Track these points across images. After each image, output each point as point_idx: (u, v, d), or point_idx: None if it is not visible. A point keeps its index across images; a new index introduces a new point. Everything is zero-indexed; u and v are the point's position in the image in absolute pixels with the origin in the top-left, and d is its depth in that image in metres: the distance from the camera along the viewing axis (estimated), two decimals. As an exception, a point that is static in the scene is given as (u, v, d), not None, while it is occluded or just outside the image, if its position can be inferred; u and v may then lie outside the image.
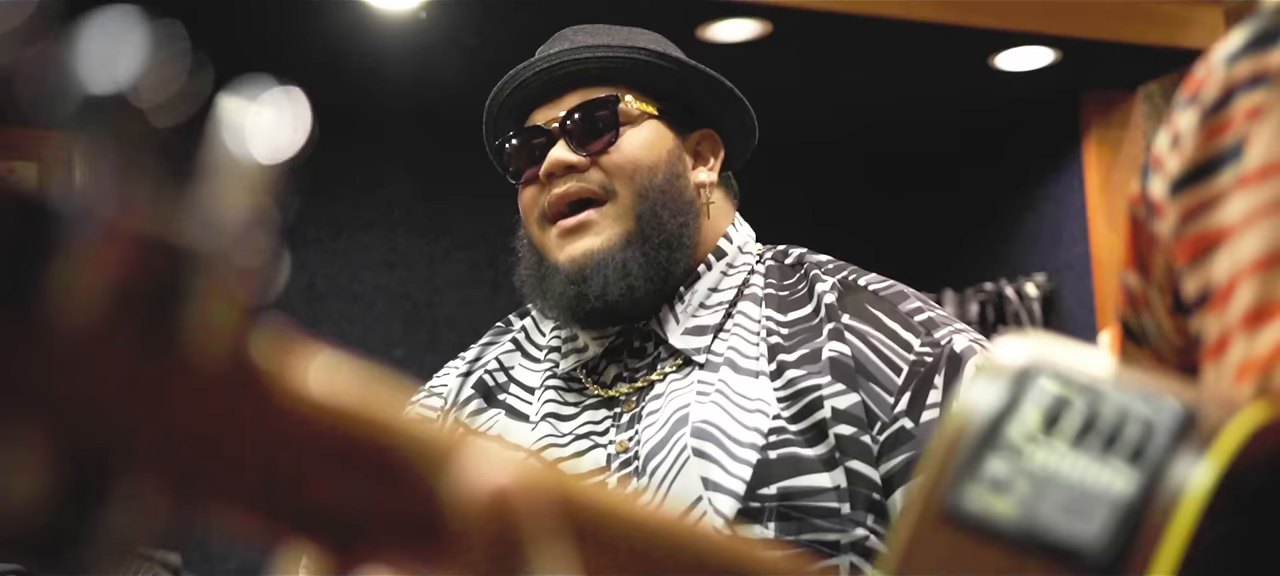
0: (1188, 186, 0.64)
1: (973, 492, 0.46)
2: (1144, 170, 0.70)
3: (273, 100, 0.37)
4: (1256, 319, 0.58)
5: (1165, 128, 0.69)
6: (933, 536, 0.46)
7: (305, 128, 0.37)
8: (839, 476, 1.31)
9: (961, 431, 0.47)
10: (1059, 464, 0.46)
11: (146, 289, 0.34)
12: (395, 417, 0.40)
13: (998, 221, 4.33)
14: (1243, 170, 0.60)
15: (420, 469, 0.40)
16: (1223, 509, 0.46)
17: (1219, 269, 0.60)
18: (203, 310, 0.35)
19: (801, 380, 1.36)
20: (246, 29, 3.25)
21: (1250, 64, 0.63)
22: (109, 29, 0.35)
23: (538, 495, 0.40)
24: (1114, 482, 0.46)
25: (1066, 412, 0.47)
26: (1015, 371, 0.49)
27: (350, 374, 0.40)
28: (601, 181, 1.44)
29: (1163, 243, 0.66)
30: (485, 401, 1.52)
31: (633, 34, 1.52)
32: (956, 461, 0.47)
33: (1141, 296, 0.71)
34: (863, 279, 1.45)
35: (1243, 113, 0.62)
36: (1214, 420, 0.47)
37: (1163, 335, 0.70)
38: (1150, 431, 0.47)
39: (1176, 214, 0.65)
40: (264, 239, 0.36)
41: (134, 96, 0.34)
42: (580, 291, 1.41)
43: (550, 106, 1.47)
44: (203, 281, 0.35)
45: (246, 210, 0.36)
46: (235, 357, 0.36)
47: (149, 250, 0.34)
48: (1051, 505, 0.46)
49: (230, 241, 0.35)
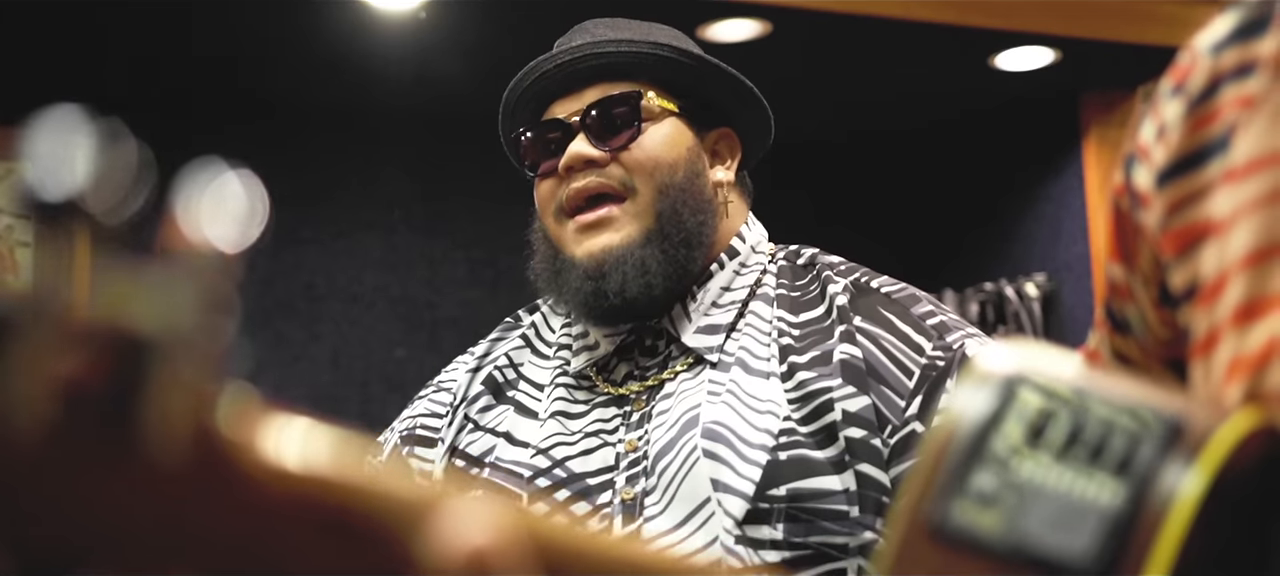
0: (1174, 178, 0.64)
1: (959, 507, 0.46)
2: (1128, 160, 0.69)
3: (229, 186, 0.37)
4: (1246, 315, 0.57)
5: (1150, 117, 0.68)
6: (920, 551, 0.46)
7: (262, 214, 0.37)
8: (848, 479, 1.31)
9: (947, 444, 0.47)
10: (1045, 476, 0.46)
11: (102, 384, 0.34)
12: (368, 480, 0.40)
13: (998, 221, 4.33)
14: (1230, 163, 0.60)
15: (396, 531, 0.39)
16: (1212, 517, 0.46)
17: (1207, 263, 0.60)
18: (161, 400, 0.35)
19: (812, 382, 1.35)
20: (247, 29, 3.25)
21: (1237, 53, 0.62)
22: (57, 134, 0.35)
23: (515, 552, 0.39)
24: (1101, 494, 0.45)
25: (1052, 424, 0.47)
26: (1000, 380, 0.48)
27: (318, 439, 0.39)
28: (621, 177, 1.43)
29: (1149, 234, 0.66)
30: (494, 398, 1.52)
31: (652, 29, 1.51)
32: (942, 475, 0.46)
33: (1125, 288, 0.70)
34: (875, 281, 1.44)
35: (1230, 103, 0.61)
36: (1202, 428, 0.47)
37: (1148, 327, 0.69)
38: (1137, 441, 0.46)
39: (1163, 205, 0.64)
40: (222, 325, 0.36)
41: (83, 200, 0.34)
42: (598, 287, 1.41)
43: (570, 99, 1.46)
44: (160, 371, 0.35)
45: (204, 297, 0.36)
46: (197, 444, 0.36)
47: (101, 344, 0.34)
48: (1039, 518, 0.45)
49: (188, 329, 0.35)
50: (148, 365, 0.35)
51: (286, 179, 3.81)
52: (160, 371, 0.35)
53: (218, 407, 0.36)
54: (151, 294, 0.35)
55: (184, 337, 0.35)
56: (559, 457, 1.43)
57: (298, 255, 3.82)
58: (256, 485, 0.37)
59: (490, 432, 1.49)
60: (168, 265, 0.35)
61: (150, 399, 0.35)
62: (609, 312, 1.42)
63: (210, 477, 0.36)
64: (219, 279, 0.36)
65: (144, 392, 0.35)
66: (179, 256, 0.36)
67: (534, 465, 1.43)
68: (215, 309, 0.36)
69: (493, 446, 1.47)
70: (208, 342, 0.35)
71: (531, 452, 1.44)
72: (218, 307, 0.36)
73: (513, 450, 1.46)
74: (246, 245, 0.36)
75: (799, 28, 3.34)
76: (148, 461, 0.35)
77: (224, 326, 0.36)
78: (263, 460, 0.37)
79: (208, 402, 0.36)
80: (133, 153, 0.35)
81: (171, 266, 0.35)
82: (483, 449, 1.48)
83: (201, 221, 0.36)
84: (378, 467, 0.41)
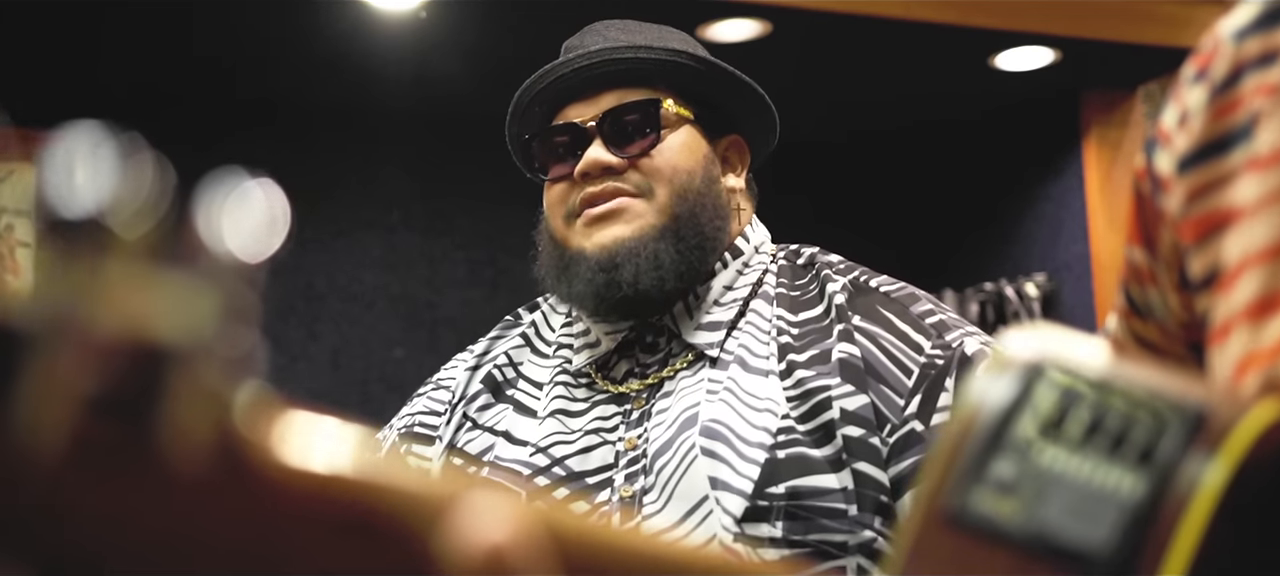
0: (1196, 164, 0.64)
1: (978, 495, 0.45)
2: (1149, 145, 0.69)
3: (250, 195, 0.37)
4: (1262, 310, 0.57)
5: (1173, 102, 0.68)
6: (938, 539, 0.46)
7: (283, 222, 0.37)
8: (846, 477, 1.30)
9: (967, 430, 0.47)
10: (1066, 465, 0.46)
11: (121, 395, 0.34)
12: (385, 477, 0.39)
13: (998, 221, 4.33)
14: (1254, 151, 0.59)
15: (414, 528, 0.39)
16: (1233, 509, 0.45)
17: (1228, 251, 0.60)
18: (182, 410, 0.35)
19: (811, 381, 1.35)
20: (247, 29, 3.25)
21: (1260, 42, 0.62)
22: (76, 150, 0.35)
23: (534, 547, 0.39)
24: (1122, 484, 0.45)
25: (1073, 412, 0.47)
26: (1021, 367, 0.48)
27: (333, 437, 0.39)
28: (638, 183, 1.42)
29: (1169, 218, 0.66)
30: (493, 396, 1.51)
31: (665, 33, 1.50)
32: (962, 462, 0.46)
33: (1147, 271, 0.70)
34: (874, 280, 1.44)
35: (1253, 91, 0.61)
36: (1224, 419, 0.46)
37: (1169, 310, 0.69)
38: (1159, 431, 0.46)
39: (1184, 191, 0.64)
40: (241, 334, 0.36)
41: (103, 217, 0.34)
42: (611, 278, 1.40)
43: (585, 104, 1.45)
44: (181, 380, 0.35)
45: (223, 306, 0.36)
46: (219, 452, 0.36)
47: (122, 355, 0.34)
48: (1059, 508, 0.45)
49: (208, 338, 0.35)
50: (168, 374, 0.35)
51: (286, 179, 3.79)
52: (181, 380, 0.35)
53: (238, 413, 0.36)
54: (172, 303, 0.35)
55: (205, 346, 0.35)
56: (558, 456, 1.42)
57: (298, 255, 3.82)
58: (278, 489, 0.37)
59: (489, 431, 1.49)
60: (188, 274, 0.36)
61: (171, 408, 0.35)
62: (619, 304, 1.41)
63: (232, 484, 0.36)
64: (240, 287, 0.36)
65: (165, 402, 0.35)
66: (199, 265, 0.36)
67: (533, 463, 1.43)
68: (236, 317, 0.36)
69: (491, 445, 1.47)
70: (229, 351, 0.35)
71: (530, 451, 1.44)
72: (238, 316, 0.36)
73: (511, 448, 1.45)
74: (267, 254, 0.36)
75: (799, 28, 3.34)
76: (169, 470, 0.35)
77: (245, 335, 0.36)
78: (283, 463, 0.37)
79: (228, 409, 0.36)
80: (150, 164, 0.35)
81: (192, 275, 0.36)
82: (481, 447, 1.47)
83: (222, 230, 0.36)
84: (395, 464, 0.40)
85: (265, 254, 0.36)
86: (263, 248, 0.36)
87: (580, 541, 0.42)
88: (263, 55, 3.45)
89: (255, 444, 0.37)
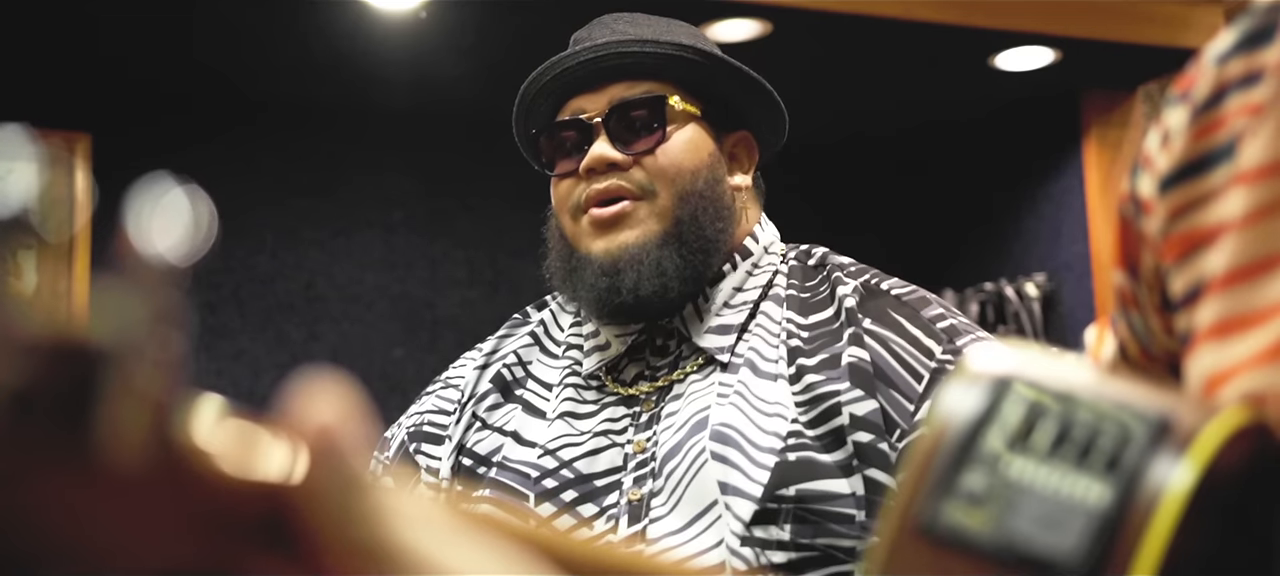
0: (1177, 184, 0.64)
1: (949, 507, 0.46)
2: (1133, 169, 0.69)
3: (177, 200, 0.38)
4: (1226, 328, 0.57)
5: (1155, 126, 0.68)
6: (911, 551, 0.46)
7: (209, 227, 0.37)
8: (856, 483, 1.29)
9: (937, 444, 0.47)
10: (1034, 476, 0.46)
11: (54, 393, 0.35)
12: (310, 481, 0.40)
13: (998, 221, 4.33)
14: (1238, 168, 0.60)
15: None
16: (1201, 514, 0.46)
17: (1211, 266, 0.60)
18: (114, 409, 0.35)
19: (820, 386, 1.34)
20: (247, 29, 3.26)
21: (1242, 63, 0.62)
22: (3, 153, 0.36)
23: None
24: (1089, 493, 0.46)
25: (1041, 424, 0.47)
26: (989, 382, 0.48)
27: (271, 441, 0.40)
28: (641, 182, 1.41)
29: (1151, 241, 0.66)
30: (502, 396, 1.50)
31: (673, 28, 1.49)
32: (933, 475, 0.47)
33: (1131, 295, 0.70)
34: (885, 283, 1.42)
35: (1236, 111, 0.61)
36: (1190, 425, 0.47)
37: (1152, 334, 0.70)
38: (1125, 440, 0.46)
39: (1165, 211, 0.64)
40: (172, 335, 0.37)
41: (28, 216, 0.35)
42: (613, 283, 1.39)
43: (591, 96, 1.44)
44: (113, 380, 0.35)
45: (153, 308, 0.36)
46: (152, 451, 0.36)
47: (53, 354, 0.35)
48: (1028, 518, 0.45)
49: (139, 339, 0.36)
50: (101, 374, 0.35)
51: (287, 179, 3.81)
52: (113, 380, 0.35)
53: (172, 415, 0.37)
54: (102, 305, 0.36)
55: (136, 347, 0.36)
56: (566, 458, 1.42)
57: (298, 255, 3.82)
58: (210, 490, 0.37)
59: (498, 431, 1.48)
60: (118, 277, 0.36)
61: (103, 407, 0.35)
62: (621, 310, 1.41)
63: (165, 484, 0.37)
64: (168, 290, 0.37)
65: (97, 401, 0.35)
66: (129, 268, 0.36)
67: (541, 465, 1.42)
68: (165, 319, 0.36)
69: (500, 445, 1.47)
70: (159, 352, 0.36)
71: (539, 452, 1.43)
72: (167, 318, 0.36)
73: (520, 449, 1.45)
74: (194, 257, 0.37)
75: (799, 28, 3.34)
76: (102, 469, 0.35)
77: (174, 336, 0.37)
78: (215, 465, 0.38)
79: (162, 410, 0.37)
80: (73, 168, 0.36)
81: (121, 278, 0.36)
82: (490, 448, 1.47)
83: (151, 234, 0.37)
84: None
85: (192, 257, 0.37)
86: (191, 252, 0.37)
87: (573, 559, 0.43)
88: (263, 55, 3.46)
89: (190, 448, 0.37)
